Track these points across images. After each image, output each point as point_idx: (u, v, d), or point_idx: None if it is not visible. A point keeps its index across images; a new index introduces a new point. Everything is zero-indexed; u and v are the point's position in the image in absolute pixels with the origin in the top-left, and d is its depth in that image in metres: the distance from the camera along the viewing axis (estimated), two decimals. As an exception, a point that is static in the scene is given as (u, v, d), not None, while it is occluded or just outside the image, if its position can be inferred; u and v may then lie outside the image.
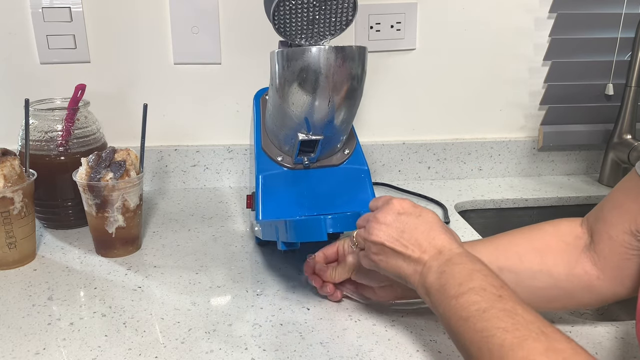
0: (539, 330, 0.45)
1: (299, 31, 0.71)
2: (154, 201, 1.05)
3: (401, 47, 1.09)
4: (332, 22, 0.71)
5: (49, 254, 0.83)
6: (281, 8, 0.68)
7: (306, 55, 0.66)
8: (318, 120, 0.70)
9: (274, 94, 0.71)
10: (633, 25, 1.05)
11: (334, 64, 0.66)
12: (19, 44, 1.00)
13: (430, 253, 0.55)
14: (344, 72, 0.67)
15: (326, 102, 0.68)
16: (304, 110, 0.69)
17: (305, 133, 0.72)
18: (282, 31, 0.71)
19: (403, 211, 0.59)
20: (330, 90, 0.67)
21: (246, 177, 1.12)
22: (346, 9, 0.70)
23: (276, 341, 0.63)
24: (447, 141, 1.15)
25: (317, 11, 0.70)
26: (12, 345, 0.62)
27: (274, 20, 0.69)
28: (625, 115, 1.09)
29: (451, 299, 0.51)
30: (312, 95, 0.68)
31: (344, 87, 0.68)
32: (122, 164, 0.79)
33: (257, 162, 0.77)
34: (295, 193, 0.77)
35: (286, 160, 0.78)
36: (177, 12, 1.01)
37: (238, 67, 1.06)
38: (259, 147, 0.78)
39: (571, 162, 1.20)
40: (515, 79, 1.14)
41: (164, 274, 0.78)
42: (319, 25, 0.71)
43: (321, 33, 0.72)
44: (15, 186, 0.77)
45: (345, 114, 0.72)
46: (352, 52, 0.67)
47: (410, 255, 0.56)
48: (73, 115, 0.89)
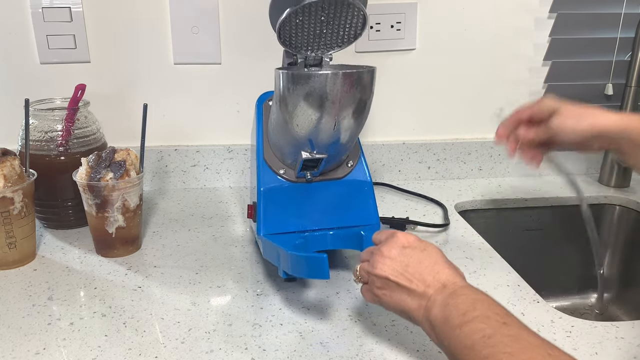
0: (545, 353, 0.45)
1: (305, 44, 0.70)
2: (154, 201, 1.05)
3: (401, 47, 1.09)
4: (340, 35, 0.69)
5: (49, 254, 0.83)
6: (287, 25, 0.66)
7: (313, 81, 0.63)
8: (323, 140, 0.68)
9: (278, 111, 0.69)
10: (633, 25, 1.04)
11: (342, 89, 0.63)
12: (19, 44, 1.00)
13: (434, 287, 0.55)
14: (352, 97, 0.65)
15: (332, 125, 0.66)
16: (309, 131, 0.67)
17: (309, 152, 0.70)
18: (288, 44, 0.69)
19: (408, 245, 0.58)
20: (336, 115, 0.65)
21: (246, 177, 1.12)
22: (355, 24, 0.68)
23: (276, 341, 0.63)
24: (447, 141, 1.15)
25: (324, 26, 0.68)
26: (12, 345, 0.62)
27: (279, 35, 0.67)
28: (625, 115, 1.09)
29: (455, 329, 0.50)
30: (318, 118, 0.65)
31: (351, 111, 0.66)
32: (122, 164, 0.79)
33: (259, 175, 0.75)
34: (297, 206, 0.75)
35: (288, 174, 0.76)
36: (177, 12, 1.01)
37: (238, 67, 1.07)
38: (261, 158, 0.76)
39: (571, 162, 1.20)
40: (515, 79, 1.14)
41: (164, 274, 0.78)
42: (326, 38, 0.70)
43: (328, 45, 0.71)
44: (15, 186, 0.77)
45: (351, 134, 0.69)
46: (360, 76, 0.64)
47: (415, 289, 0.55)
48: (73, 115, 0.89)
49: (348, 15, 0.67)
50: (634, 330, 0.66)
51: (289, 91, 0.65)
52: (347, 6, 0.65)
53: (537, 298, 0.73)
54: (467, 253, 0.85)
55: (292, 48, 0.70)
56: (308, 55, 0.72)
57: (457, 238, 0.90)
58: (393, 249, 0.58)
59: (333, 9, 0.65)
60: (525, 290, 0.75)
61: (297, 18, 0.65)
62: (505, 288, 0.76)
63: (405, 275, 0.56)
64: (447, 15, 1.08)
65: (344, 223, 0.76)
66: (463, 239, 0.90)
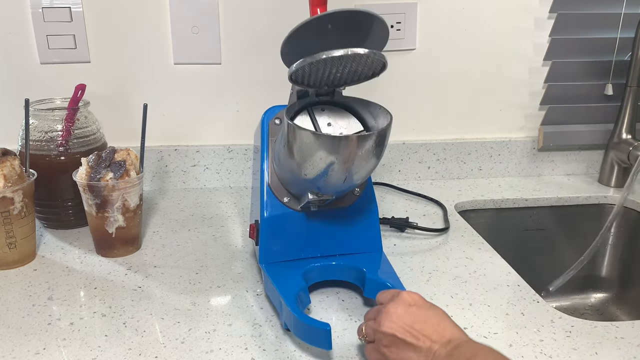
0: None
1: (319, 83, 0.66)
2: (154, 201, 1.05)
3: (401, 47, 1.09)
4: (357, 74, 0.65)
5: (49, 254, 0.83)
6: (300, 70, 0.61)
7: (323, 144, 0.60)
8: (331, 187, 0.66)
9: (285, 154, 0.65)
10: (633, 25, 1.04)
11: (355, 150, 0.60)
12: (19, 44, 1.00)
13: (440, 342, 0.55)
14: (366, 156, 0.62)
15: (343, 178, 0.63)
16: (317, 180, 0.64)
17: (316, 193, 0.67)
18: (300, 82, 0.65)
19: (414, 303, 0.58)
20: (347, 171, 0.62)
21: (246, 177, 1.12)
22: (374, 67, 0.64)
23: (276, 341, 0.63)
24: (447, 141, 1.15)
25: (341, 70, 0.63)
26: (12, 345, 0.62)
27: (291, 78, 0.63)
28: (625, 115, 1.09)
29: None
30: (328, 173, 0.62)
31: (364, 164, 0.63)
32: (122, 164, 0.79)
33: (263, 202, 0.72)
34: (300, 235, 0.73)
35: (292, 203, 0.72)
36: (177, 12, 1.01)
37: (238, 67, 1.06)
38: (265, 184, 0.72)
39: (571, 162, 1.20)
40: (515, 79, 1.14)
41: (164, 274, 0.78)
42: (341, 78, 0.65)
43: (342, 82, 0.67)
44: (15, 186, 0.77)
45: (362, 179, 0.67)
46: (373, 138, 0.61)
47: (421, 346, 0.55)
48: (73, 115, 0.89)
49: (367, 61, 0.62)
50: (634, 330, 0.66)
51: (300, 148, 0.62)
52: (366, 57, 0.61)
53: (537, 298, 0.73)
54: (467, 253, 0.85)
55: (304, 85, 0.66)
56: (320, 90, 0.68)
57: (457, 238, 0.90)
58: (399, 307, 0.58)
59: (351, 59, 0.61)
60: (525, 290, 0.75)
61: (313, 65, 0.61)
62: (505, 288, 0.76)
63: (412, 332, 0.56)
64: (447, 15, 1.08)
65: (346, 250, 0.74)
66: (463, 239, 0.90)
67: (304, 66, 0.60)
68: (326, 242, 0.74)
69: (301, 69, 0.61)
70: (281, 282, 0.67)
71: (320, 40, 0.60)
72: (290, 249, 0.73)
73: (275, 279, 0.68)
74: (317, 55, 0.59)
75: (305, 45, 0.60)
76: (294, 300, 0.64)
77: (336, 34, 0.60)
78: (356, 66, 0.63)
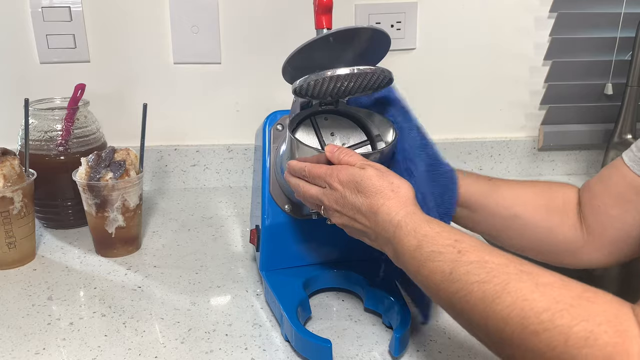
0: (517, 270, 0.43)
1: (323, 96, 0.65)
2: (154, 201, 1.05)
3: (401, 47, 1.09)
4: (361, 87, 0.65)
5: (48, 254, 0.83)
6: (304, 85, 0.61)
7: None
8: None
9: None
10: (633, 25, 1.04)
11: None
12: (19, 43, 1.00)
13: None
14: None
15: None
16: None
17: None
18: (304, 95, 0.65)
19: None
20: None
21: (246, 177, 1.12)
22: (380, 81, 0.64)
23: (276, 341, 0.63)
24: (447, 141, 1.15)
25: (345, 84, 0.63)
26: (12, 345, 0.62)
27: (295, 91, 0.63)
28: (625, 114, 1.09)
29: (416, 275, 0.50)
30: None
31: None
32: (122, 163, 0.79)
33: (264, 209, 0.71)
34: (301, 242, 0.72)
35: (294, 210, 0.71)
36: (177, 11, 1.01)
37: (238, 67, 1.06)
38: (267, 191, 0.70)
39: (571, 162, 1.20)
40: (515, 79, 1.14)
41: (164, 274, 0.78)
42: (345, 91, 0.65)
43: (347, 93, 0.66)
44: (15, 186, 0.77)
45: None
46: (376, 156, 0.61)
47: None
48: (73, 114, 0.89)
49: (373, 77, 0.62)
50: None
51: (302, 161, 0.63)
52: (372, 73, 0.61)
53: (537, 298, 0.73)
54: (467, 253, 0.85)
55: (307, 97, 0.66)
56: (324, 100, 0.67)
57: (457, 238, 0.90)
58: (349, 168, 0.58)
59: (357, 75, 0.61)
60: (526, 290, 0.75)
61: (317, 81, 0.60)
62: (506, 288, 0.75)
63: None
64: (447, 15, 1.08)
65: (347, 256, 0.74)
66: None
67: (309, 82, 0.60)
68: (327, 250, 0.73)
69: (305, 85, 0.61)
70: (282, 292, 0.67)
71: (321, 52, 0.60)
72: (291, 256, 0.72)
73: (276, 289, 0.67)
74: (322, 74, 0.59)
75: (308, 60, 0.60)
76: (294, 313, 0.63)
77: (338, 47, 0.61)
78: (361, 81, 0.63)
